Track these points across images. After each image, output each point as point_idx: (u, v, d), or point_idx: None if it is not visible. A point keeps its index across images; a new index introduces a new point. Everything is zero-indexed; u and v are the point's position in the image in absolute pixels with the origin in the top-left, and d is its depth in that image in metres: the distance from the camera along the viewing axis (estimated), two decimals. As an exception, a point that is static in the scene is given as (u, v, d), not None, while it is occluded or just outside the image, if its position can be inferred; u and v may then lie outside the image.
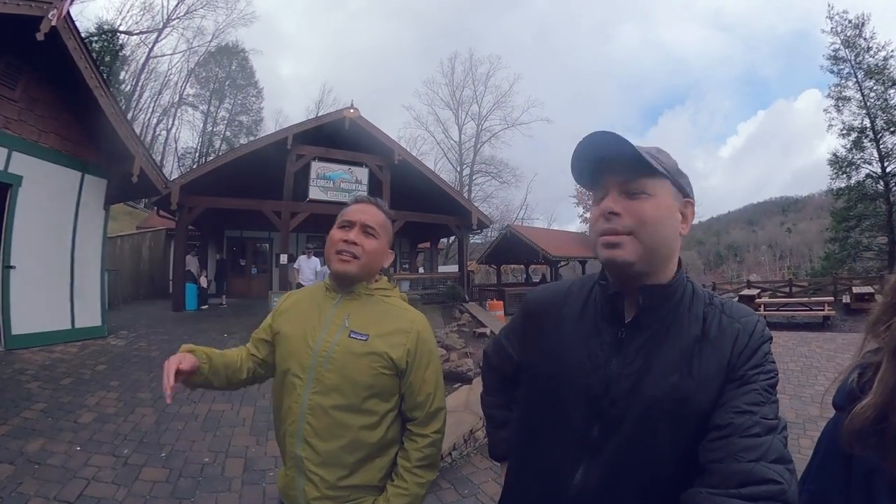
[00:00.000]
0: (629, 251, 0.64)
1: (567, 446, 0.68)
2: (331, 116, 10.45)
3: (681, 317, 0.67)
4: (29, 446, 2.67)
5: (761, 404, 0.59)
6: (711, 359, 0.63)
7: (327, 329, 0.97)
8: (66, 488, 2.26)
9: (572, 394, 0.69)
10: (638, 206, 0.64)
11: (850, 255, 18.64)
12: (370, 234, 0.99)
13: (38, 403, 3.36)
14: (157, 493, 2.31)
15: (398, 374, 0.95)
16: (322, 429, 0.92)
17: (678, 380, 0.63)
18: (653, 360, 0.65)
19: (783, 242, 63.19)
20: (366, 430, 0.93)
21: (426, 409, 0.97)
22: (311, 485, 0.93)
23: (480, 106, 31.79)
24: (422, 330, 0.98)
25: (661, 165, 0.65)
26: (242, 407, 3.63)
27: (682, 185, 0.68)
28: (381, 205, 1.06)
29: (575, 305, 0.75)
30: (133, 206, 19.57)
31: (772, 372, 0.63)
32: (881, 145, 17.54)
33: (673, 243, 0.67)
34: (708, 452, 0.58)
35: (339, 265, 0.97)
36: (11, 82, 5.00)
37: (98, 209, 6.20)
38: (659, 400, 0.62)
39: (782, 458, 0.55)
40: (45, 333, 5.12)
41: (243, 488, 2.43)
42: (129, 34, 23.71)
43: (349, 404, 0.92)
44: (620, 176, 0.65)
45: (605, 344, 0.68)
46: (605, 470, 0.65)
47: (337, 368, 0.92)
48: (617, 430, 0.64)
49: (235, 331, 6.85)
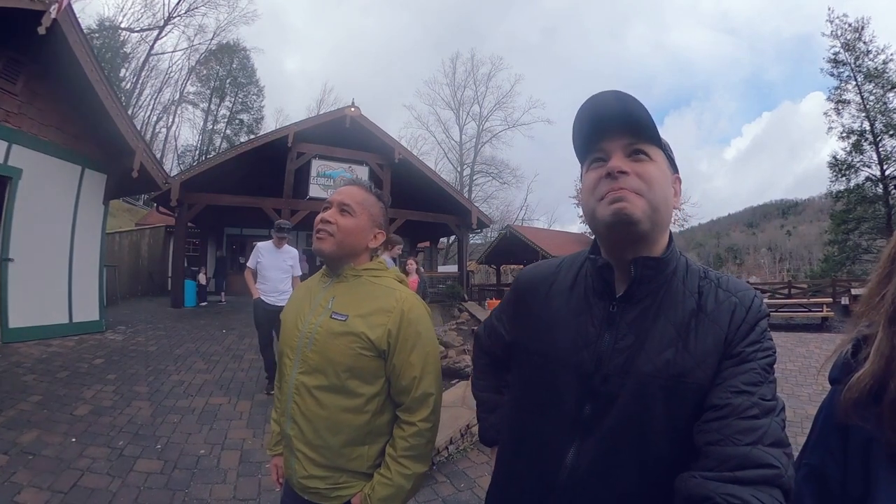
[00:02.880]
0: (638, 206, 0.61)
1: (558, 426, 0.67)
2: (332, 114, 10.47)
3: (675, 290, 0.65)
4: (23, 437, 2.66)
5: (759, 384, 0.57)
6: (709, 333, 0.61)
7: (314, 311, 0.99)
8: (59, 479, 2.25)
9: (563, 372, 0.67)
10: (643, 167, 0.63)
11: (850, 258, 18.65)
12: (346, 212, 0.99)
13: (34, 396, 3.34)
14: (152, 484, 2.30)
15: (380, 355, 0.93)
16: (306, 408, 0.93)
17: (673, 355, 0.60)
18: (646, 334, 0.63)
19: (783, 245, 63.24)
20: (348, 413, 0.92)
21: (412, 393, 0.94)
22: (299, 463, 0.94)
23: (482, 106, 31.92)
24: (408, 310, 0.94)
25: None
26: (240, 401, 3.62)
27: (673, 160, 0.68)
28: (363, 184, 1.06)
29: (565, 281, 0.74)
30: (132, 203, 19.58)
31: (770, 349, 0.61)
32: (880, 148, 17.57)
33: (669, 212, 0.66)
34: (703, 434, 0.56)
35: (315, 244, 0.99)
36: (12, 76, 5.00)
37: (97, 204, 6.20)
38: (653, 376, 0.60)
39: (779, 441, 0.53)
40: (43, 327, 5.11)
41: (238, 480, 2.42)
42: (131, 31, 23.78)
43: (330, 384, 0.92)
44: (626, 139, 0.63)
45: (596, 319, 0.66)
46: (598, 449, 0.63)
47: (319, 349, 0.93)
48: (610, 409, 0.62)
49: (234, 327, 6.84)
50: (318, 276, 1.08)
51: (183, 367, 4.49)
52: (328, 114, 10.73)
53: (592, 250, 0.72)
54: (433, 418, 0.97)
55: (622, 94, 0.63)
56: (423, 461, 0.96)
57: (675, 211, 0.69)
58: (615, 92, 0.63)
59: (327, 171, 10.40)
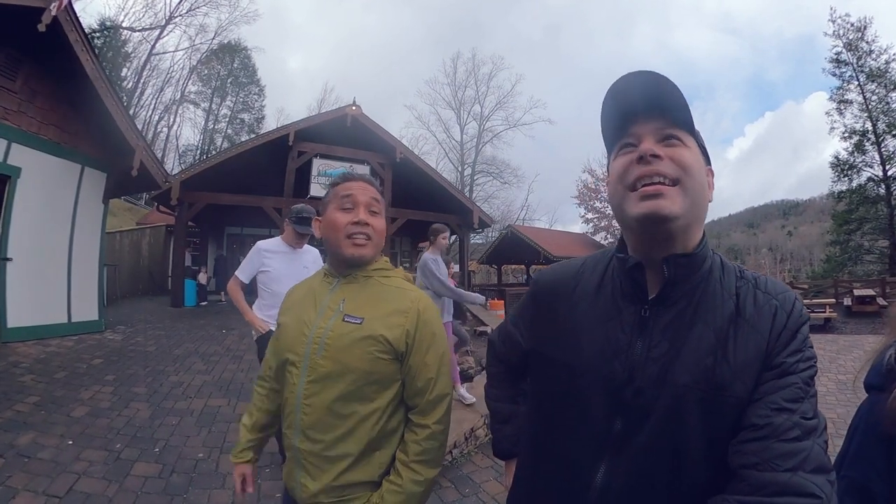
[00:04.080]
0: (676, 202, 0.55)
1: (586, 443, 0.61)
2: (333, 113, 10.41)
3: (711, 291, 0.59)
4: (20, 439, 2.62)
5: (800, 400, 0.52)
6: (749, 341, 0.55)
7: (322, 315, 0.92)
8: (55, 482, 2.21)
9: (590, 384, 0.61)
10: (678, 152, 0.57)
11: (852, 259, 18.61)
12: (375, 213, 0.95)
13: (32, 397, 3.30)
14: (149, 488, 2.25)
15: (397, 357, 0.89)
16: (318, 419, 0.87)
17: (712, 364, 0.55)
18: (683, 341, 0.57)
19: (784, 245, 63.19)
20: (364, 421, 0.87)
21: (426, 395, 0.90)
22: (308, 478, 0.88)
23: (482, 106, 31.83)
24: (423, 309, 0.91)
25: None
26: (239, 403, 3.58)
27: (706, 149, 0.63)
28: (373, 181, 1.01)
29: (590, 284, 0.67)
30: (133, 203, 19.57)
31: (812, 360, 0.56)
32: (883, 148, 17.52)
33: (706, 205, 0.61)
34: (740, 456, 0.52)
35: (353, 250, 0.92)
36: (12, 73, 4.97)
37: (97, 203, 6.16)
38: (690, 388, 0.55)
39: (822, 467, 0.49)
40: (41, 327, 5.07)
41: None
42: (132, 31, 23.74)
43: (345, 393, 0.86)
44: (658, 122, 0.58)
45: (626, 325, 0.61)
46: (630, 469, 0.58)
47: (331, 355, 0.87)
48: (643, 424, 0.57)
49: (234, 327, 6.80)
50: (316, 277, 1.03)
51: (182, 367, 4.44)
52: (329, 112, 10.68)
53: (619, 248, 0.67)
54: (446, 420, 0.93)
55: (655, 75, 0.58)
56: (435, 465, 0.91)
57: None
58: (648, 72, 0.58)
59: (328, 171, 10.36)
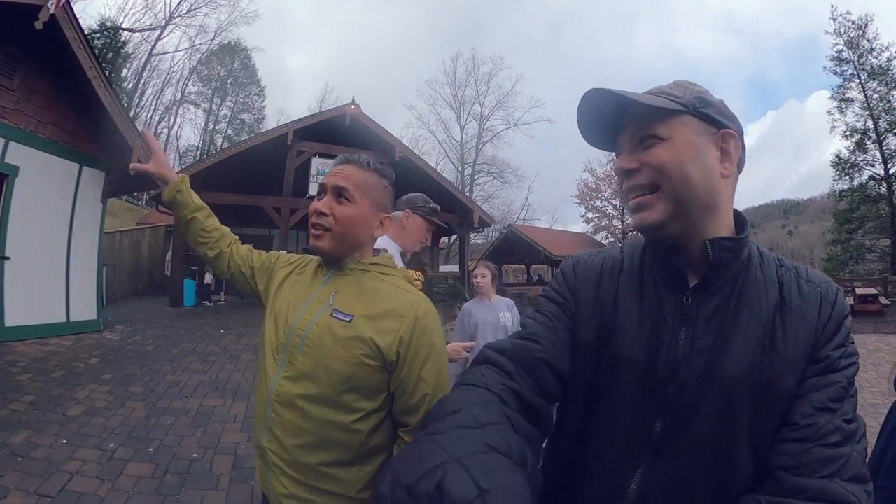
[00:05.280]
0: (657, 210, 0.54)
1: (621, 447, 0.56)
2: (332, 112, 10.40)
3: (753, 279, 0.56)
4: (14, 438, 2.60)
5: (842, 400, 0.50)
6: (799, 331, 0.53)
7: (309, 306, 0.84)
8: (48, 482, 2.20)
9: (628, 380, 0.56)
10: (650, 154, 0.54)
11: (853, 258, 18.54)
12: (344, 199, 0.84)
13: (27, 396, 3.29)
14: (142, 488, 2.24)
15: (385, 366, 0.79)
16: (288, 420, 0.79)
17: (761, 356, 0.52)
18: (729, 331, 0.53)
19: (784, 245, 63.04)
20: (339, 431, 0.78)
21: (420, 413, 0.79)
22: (276, 479, 0.82)
23: (482, 106, 31.80)
24: (421, 316, 0.81)
25: (672, 100, 0.54)
26: (235, 403, 3.56)
27: (711, 115, 0.55)
28: (361, 161, 0.89)
29: (628, 272, 0.62)
30: (133, 203, 19.59)
31: (854, 356, 0.53)
32: (884, 147, 17.45)
33: (711, 188, 0.54)
34: (777, 456, 0.50)
35: (312, 241, 0.85)
36: (9, 72, 4.95)
37: (96, 202, 6.15)
38: (741, 382, 0.51)
39: (860, 476, 0.47)
40: (39, 326, 5.06)
41: (231, 486, 2.36)
42: (132, 31, 23.76)
43: (321, 394, 0.78)
44: (628, 131, 0.57)
45: (667, 315, 0.56)
46: (670, 475, 0.53)
47: (312, 352, 0.79)
48: (688, 425, 0.52)
49: (232, 327, 6.78)
50: (314, 264, 0.94)
51: (179, 367, 4.43)
52: (328, 111, 10.67)
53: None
54: None
55: (593, 94, 0.55)
56: None
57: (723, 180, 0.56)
58: (587, 96, 0.56)
59: (327, 170, 10.26)
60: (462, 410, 0.46)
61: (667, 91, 0.56)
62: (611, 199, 19.94)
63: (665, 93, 0.56)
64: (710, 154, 0.54)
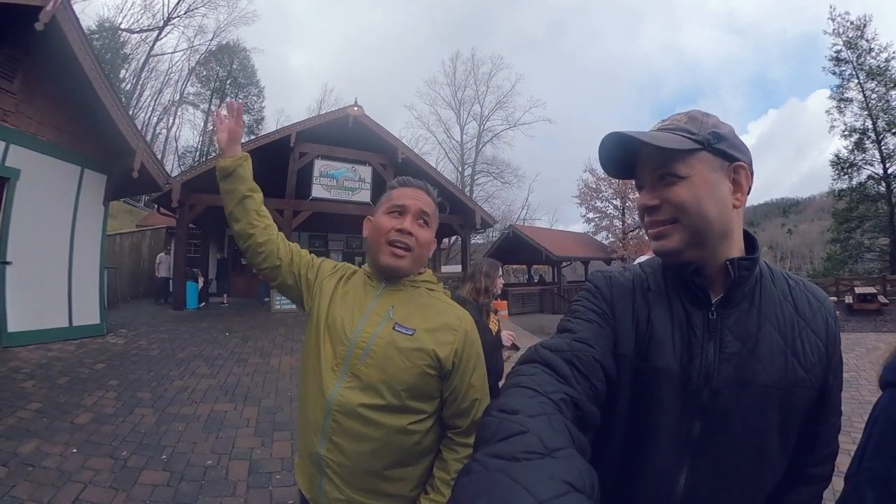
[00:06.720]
0: (675, 239, 0.60)
1: (667, 449, 0.61)
2: (334, 114, 10.35)
3: (768, 293, 0.63)
4: (23, 447, 2.55)
5: (839, 415, 0.61)
6: (813, 342, 0.61)
7: (367, 319, 0.87)
8: (61, 492, 2.14)
9: (667, 389, 0.61)
10: (671, 193, 0.59)
11: (852, 257, 18.63)
12: (424, 223, 0.91)
13: (34, 403, 3.23)
14: (158, 497, 2.19)
15: (441, 375, 0.86)
16: (351, 428, 0.82)
17: (784, 363, 0.59)
18: (754, 340, 0.60)
19: (784, 244, 63.32)
20: (400, 435, 0.84)
21: (471, 416, 0.87)
22: (332, 485, 0.84)
23: (482, 106, 31.81)
24: (469, 329, 0.89)
25: (688, 137, 0.59)
26: (246, 407, 3.51)
27: (724, 150, 0.59)
28: (431, 191, 0.95)
29: (652, 293, 0.67)
30: (133, 205, 19.46)
31: (841, 366, 0.65)
32: (883, 146, 17.54)
33: (725, 219, 0.60)
34: (794, 493, 0.62)
35: (389, 259, 0.87)
36: (9, 74, 4.89)
37: (97, 205, 6.08)
38: (769, 386, 0.58)
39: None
40: (42, 331, 4.99)
41: (249, 492, 2.31)
42: (130, 32, 23.65)
43: (385, 404, 0.83)
44: (648, 167, 0.62)
45: (696, 329, 0.62)
46: (714, 468, 0.59)
47: (377, 363, 0.83)
48: (724, 425, 0.58)
49: (237, 329, 6.73)
50: (359, 275, 0.95)
51: (186, 371, 4.37)
52: (331, 113, 10.61)
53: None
54: None
55: (618, 137, 0.60)
56: None
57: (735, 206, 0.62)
58: (614, 136, 0.60)
59: (330, 172, 10.30)
60: (529, 433, 0.42)
61: (682, 126, 0.60)
62: (611, 199, 19.92)
63: (680, 129, 0.60)
64: (724, 189, 0.60)
